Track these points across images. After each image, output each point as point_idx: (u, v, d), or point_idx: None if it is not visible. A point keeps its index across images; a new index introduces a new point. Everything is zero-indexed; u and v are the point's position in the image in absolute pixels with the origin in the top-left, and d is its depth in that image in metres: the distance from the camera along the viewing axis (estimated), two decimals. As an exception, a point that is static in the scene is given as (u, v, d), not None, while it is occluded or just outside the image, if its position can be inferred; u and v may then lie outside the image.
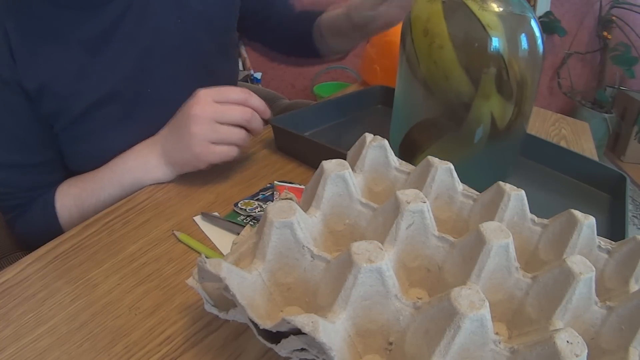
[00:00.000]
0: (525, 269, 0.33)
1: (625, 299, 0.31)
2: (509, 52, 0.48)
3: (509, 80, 0.49)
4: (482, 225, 0.31)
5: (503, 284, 0.32)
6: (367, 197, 0.38)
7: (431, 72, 0.51)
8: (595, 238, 0.37)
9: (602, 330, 0.31)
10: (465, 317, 0.24)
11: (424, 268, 0.34)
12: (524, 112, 0.53)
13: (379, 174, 0.42)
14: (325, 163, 0.36)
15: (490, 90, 0.49)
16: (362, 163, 0.41)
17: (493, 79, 0.49)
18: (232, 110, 0.51)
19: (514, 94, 0.50)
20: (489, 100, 0.50)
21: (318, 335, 0.24)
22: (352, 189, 0.36)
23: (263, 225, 0.31)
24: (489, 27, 0.47)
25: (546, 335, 0.24)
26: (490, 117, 0.51)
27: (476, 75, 0.49)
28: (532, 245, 0.38)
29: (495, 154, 0.55)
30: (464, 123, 0.52)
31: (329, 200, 0.36)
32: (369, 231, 0.35)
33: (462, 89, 0.50)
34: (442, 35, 0.49)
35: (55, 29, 0.53)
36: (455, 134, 0.54)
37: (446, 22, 0.48)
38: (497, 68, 0.48)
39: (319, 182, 0.35)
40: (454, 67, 0.49)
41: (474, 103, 0.50)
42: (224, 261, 0.29)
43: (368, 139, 0.42)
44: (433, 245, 0.33)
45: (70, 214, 0.56)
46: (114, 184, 0.54)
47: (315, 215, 0.35)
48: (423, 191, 0.38)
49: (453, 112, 0.53)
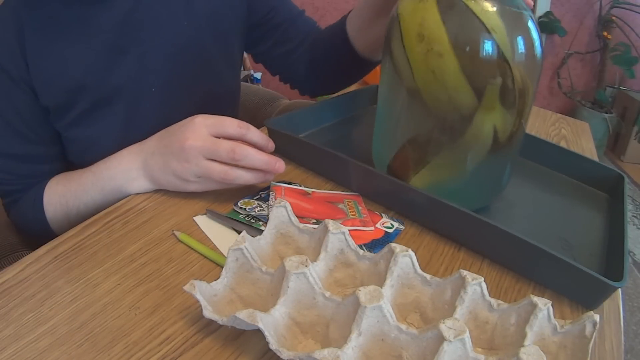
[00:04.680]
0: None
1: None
2: (515, 58, 0.44)
3: (514, 89, 0.44)
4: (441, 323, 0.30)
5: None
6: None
7: (428, 83, 0.46)
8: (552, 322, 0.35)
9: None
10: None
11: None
12: (525, 121, 0.50)
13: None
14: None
15: (494, 102, 0.45)
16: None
17: (498, 89, 0.44)
18: (222, 149, 0.47)
19: (516, 104, 0.46)
20: (492, 113, 0.46)
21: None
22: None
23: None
24: (493, 31, 0.42)
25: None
26: (493, 131, 0.47)
27: (480, 85, 0.44)
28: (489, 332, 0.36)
29: (493, 166, 0.52)
30: (461, 138, 0.48)
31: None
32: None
33: (464, 101, 0.45)
34: (442, 41, 0.43)
35: (66, 24, 0.54)
36: (451, 149, 0.49)
37: (445, 26, 0.43)
38: (503, 77, 0.43)
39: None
40: (456, 78, 0.44)
41: (475, 116, 0.46)
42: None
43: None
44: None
45: (55, 211, 0.57)
46: (97, 189, 0.54)
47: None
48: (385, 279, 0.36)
49: (450, 126, 0.48)
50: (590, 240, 0.52)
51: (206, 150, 0.47)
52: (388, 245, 0.37)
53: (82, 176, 0.56)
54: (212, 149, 0.47)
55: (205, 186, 0.50)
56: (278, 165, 0.49)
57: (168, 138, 0.51)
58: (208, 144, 0.47)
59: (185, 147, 0.48)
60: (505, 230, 0.44)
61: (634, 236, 2.02)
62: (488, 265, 0.47)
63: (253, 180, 0.49)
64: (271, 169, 0.49)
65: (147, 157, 0.52)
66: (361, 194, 0.55)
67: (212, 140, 0.48)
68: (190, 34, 0.62)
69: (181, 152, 0.48)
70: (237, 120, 0.50)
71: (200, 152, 0.47)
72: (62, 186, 0.57)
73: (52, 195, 0.57)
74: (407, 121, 0.52)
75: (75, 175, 0.57)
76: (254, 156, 0.48)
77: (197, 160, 0.48)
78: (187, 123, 0.50)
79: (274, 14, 0.72)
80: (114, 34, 0.56)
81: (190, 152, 0.48)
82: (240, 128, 0.49)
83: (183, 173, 0.49)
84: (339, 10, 2.74)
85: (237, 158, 0.47)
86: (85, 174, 0.55)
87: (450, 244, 0.49)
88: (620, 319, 0.43)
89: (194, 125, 0.49)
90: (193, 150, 0.47)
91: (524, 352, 0.29)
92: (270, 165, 0.49)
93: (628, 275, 0.52)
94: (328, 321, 0.34)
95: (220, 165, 0.48)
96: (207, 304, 0.34)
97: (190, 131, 0.48)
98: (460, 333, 0.29)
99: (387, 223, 0.50)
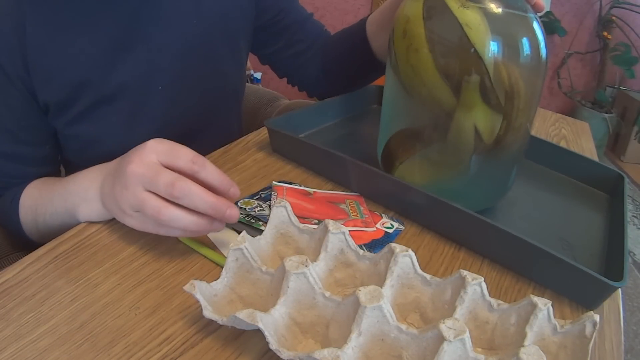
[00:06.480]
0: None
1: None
2: (500, 57, 0.43)
3: (494, 90, 0.43)
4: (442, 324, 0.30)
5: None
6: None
7: (409, 78, 0.46)
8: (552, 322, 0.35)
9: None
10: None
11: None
12: (517, 126, 0.47)
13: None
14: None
15: (474, 100, 0.44)
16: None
17: (477, 88, 0.43)
18: (161, 180, 0.39)
19: (502, 104, 0.44)
20: (472, 112, 0.45)
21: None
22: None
23: None
24: (467, 26, 0.41)
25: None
26: (474, 130, 0.45)
27: (456, 82, 0.43)
28: (489, 332, 0.36)
29: (490, 170, 0.52)
30: (445, 134, 0.47)
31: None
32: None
33: (442, 98, 0.45)
34: (419, 37, 0.43)
35: (70, 18, 0.53)
36: (440, 145, 0.50)
37: (425, 23, 0.43)
38: (479, 75, 0.42)
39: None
40: (432, 73, 0.44)
41: (455, 114, 0.45)
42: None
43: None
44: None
45: (26, 214, 0.55)
46: (61, 201, 0.50)
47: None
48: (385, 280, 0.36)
49: (436, 122, 0.49)
50: (590, 240, 0.52)
51: (146, 179, 0.39)
52: (388, 245, 0.37)
53: (55, 184, 0.53)
54: (152, 179, 0.39)
55: (142, 224, 0.42)
56: (229, 213, 0.40)
57: (122, 160, 0.44)
58: (150, 172, 0.39)
59: (126, 172, 0.40)
60: (505, 230, 0.44)
61: (634, 236, 2.02)
62: (488, 265, 0.47)
63: (193, 226, 0.40)
64: (219, 216, 0.40)
65: (105, 178, 0.46)
66: (361, 193, 0.55)
67: (156, 169, 0.39)
68: (198, 32, 0.62)
69: (122, 176, 0.41)
70: (193, 153, 0.42)
71: (140, 180, 0.40)
72: (37, 191, 0.55)
73: (27, 198, 0.55)
74: (400, 114, 0.52)
75: (50, 181, 0.56)
76: (198, 195, 0.39)
77: (135, 190, 0.40)
78: (140, 146, 0.42)
79: (283, 15, 0.73)
80: (120, 29, 0.55)
81: (130, 178, 0.40)
82: (193, 163, 0.41)
83: (121, 201, 0.41)
84: (339, 10, 2.74)
85: (176, 194, 0.38)
86: (59, 183, 0.53)
87: (450, 244, 0.49)
88: (620, 319, 0.43)
89: (143, 149, 0.41)
90: (133, 177, 0.40)
91: (524, 352, 0.29)
92: (218, 211, 0.39)
93: (628, 275, 0.52)
94: (328, 321, 0.34)
95: (158, 200, 0.39)
96: (207, 304, 0.34)
97: (138, 155, 0.41)
98: (460, 333, 0.29)
99: (387, 223, 0.50)
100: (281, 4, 0.72)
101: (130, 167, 0.40)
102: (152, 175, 0.39)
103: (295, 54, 0.75)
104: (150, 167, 0.40)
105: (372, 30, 0.70)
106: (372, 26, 0.70)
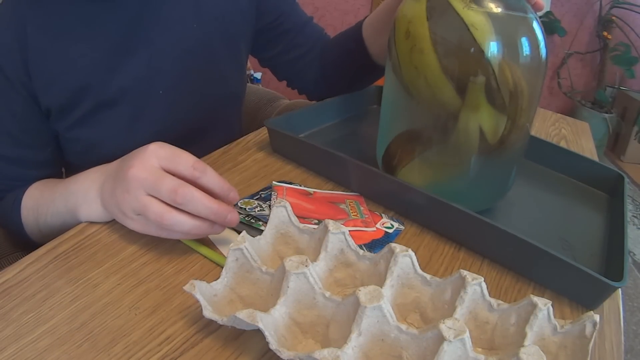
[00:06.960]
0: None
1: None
2: (503, 58, 0.43)
3: (499, 90, 0.43)
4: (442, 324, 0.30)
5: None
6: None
7: (413, 79, 0.46)
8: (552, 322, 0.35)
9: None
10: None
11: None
12: (520, 126, 0.47)
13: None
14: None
15: (479, 101, 0.44)
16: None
17: (482, 88, 0.43)
18: (164, 186, 0.40)
19: (507, 105, 0.45)
20: (477, 112, 0.45)
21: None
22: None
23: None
24: (473, 27, 0.42)
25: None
26: (479, 131, 0.46)
27: (462, 83, 0.43)
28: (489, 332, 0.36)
29: (495, 169, 0.52)
30: (449, 136, 0.47)
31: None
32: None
33: (447, 99, 0.45)
34: (423, 37, 0.43)
35: (71, 22, 0.53)
36: (443, 147, 0.49)
37: (428, 23, 0.43)
38: (485, 75, 0.42)
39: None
40: (437, 74, 0.44)
41: (460, 115, 0.45)
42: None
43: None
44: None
45: (28, 216, 0.55)
46: (62, 201, 0.50)
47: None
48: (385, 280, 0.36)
49: (439, 124, 0.48)
50: (590, 240, 0.52)
51: (148, 184, 0.40)
52: (388, 245, 0.37)
53: (57, 185, 0.53)
54: (154, 184, 0.40)
55: (144, 227, 0.42)
56: (230, 217, 0.41)
57: (123, 162, 0.44)
58: (152, 177, 0.40)
59: (128, 176, 0.41)
60: (505, 230, 0.44)
61: (634, 236, 2.02)
62: (488, 265, 0.47)
63: (195, 230, 0.41)
64: (220, 221, 0.41)
65: (106, 179, 0.46)
66: (361, 193, 0.55)
67: (158, 174, 0.40)
68: (199, 36, 0.62)
69: (124, 180, 0.41)
70: (194, 158, 0.42)
71: (142, 184, 0.40)
72: (39, 192, 0.55)
73: (28, 199, 0.55)
74: (401, 116, 0.52)
75: (52, 182, 0.56)
76: (200, 201, 0.40)
77: (137, 193, 0.40)
78: (141, 149, 0.43)
79: (283, 19, 0.72)
80: (121, 34, 0.55)
81: (131, 183, 0.40)
82: (194, 169, 0.41)
83: (123, 205, 0.42)
84: (339, 10, 2.74)
85: (179, 200, 0.39)
86: (61, 183, 0.53)
87: (450, 244, 0.49)
88: (620, 319, 0.43)
89: (144, 153, 0.42)
90: (134, 181, 0.40)
91: (524, 352, 0.29)
92: (219, 216, 0.41)
93: (628, 275, 0.52)
94: (328, 321, 0.34)
95: (160, 205, 0.40)
96: (207, 304, 0.34)
97: (139, 159, 0.41)
98: (460, 333, 0.29)
99: (387, 223, 0.50)
100: (282, 8, 0.72)
101: (132, 171, 0.40)
102: (155, 180, 0.40)
103: (294, 58, 0.75)
104: (152, 172, 0.40)
105: (369, 33, 0.70)
106: (368, 29, 0.70)
